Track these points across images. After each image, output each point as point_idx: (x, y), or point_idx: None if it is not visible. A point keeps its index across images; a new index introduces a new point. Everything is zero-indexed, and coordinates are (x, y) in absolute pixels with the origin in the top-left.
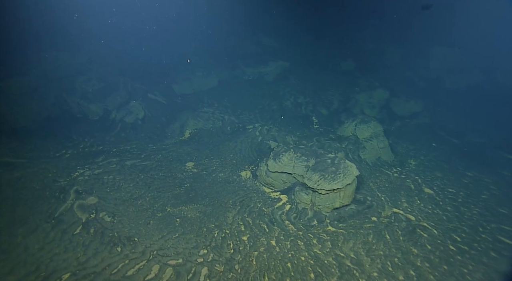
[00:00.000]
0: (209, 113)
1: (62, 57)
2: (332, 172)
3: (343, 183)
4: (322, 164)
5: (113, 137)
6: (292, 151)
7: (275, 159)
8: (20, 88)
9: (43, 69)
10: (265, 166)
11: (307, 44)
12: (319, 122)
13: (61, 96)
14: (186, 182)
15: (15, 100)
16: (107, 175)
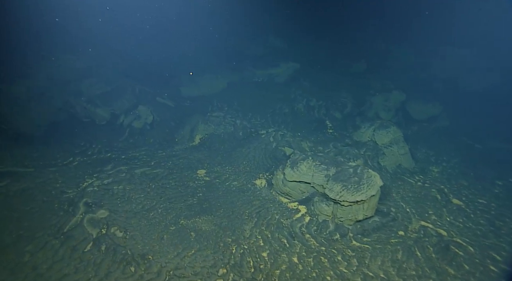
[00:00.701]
0: (220, 117)
1: (68, 59)
2: (355, 183)
3: (367, 195)
4: (344, 173)
5: (122, 143)
6: (310, 159)
7: (292, 167)
8: (25, 92)
9: (49, 72)
10: (282, 175)
11: (316, 45)
12: (333, 126)
13: (68, 100)
14: (198, 192)
15: (21, 105)
16: (116, 185)
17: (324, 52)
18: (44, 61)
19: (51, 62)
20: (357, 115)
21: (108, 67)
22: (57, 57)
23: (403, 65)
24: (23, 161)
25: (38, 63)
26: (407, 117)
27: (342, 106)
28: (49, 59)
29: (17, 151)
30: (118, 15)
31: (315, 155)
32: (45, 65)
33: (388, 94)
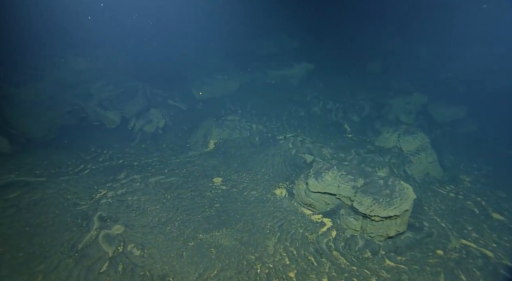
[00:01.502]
0: (235, 121)
1: (77, 61)
2: (386, 196)
3: (401, 209)
4: (373, 185)
5: (133, 149)
6: (335, 168)
7: (316, 177)
8: (35, 95)
9: (58, 74)
10: (304, 185)
11: (330, 44)
12: (352, 130)
13: (77, 103)
14: (216, 202)
15: (31, 109)
16: (131, 196)
17: (338, 52)
18: (52, 62)
19: (60, 64)
20: (376, 118)
21: (118, 68)
22: (66, 58)
23: (421, 65)
24: (34, 169)
25: (47, 65)
26: (430, 120)
27: (359, 109)
28: (58, 60)
29: (28, 157)
30: (125, 15)
31: (340, 164)
32: (53, 67)
33: (409, 96)
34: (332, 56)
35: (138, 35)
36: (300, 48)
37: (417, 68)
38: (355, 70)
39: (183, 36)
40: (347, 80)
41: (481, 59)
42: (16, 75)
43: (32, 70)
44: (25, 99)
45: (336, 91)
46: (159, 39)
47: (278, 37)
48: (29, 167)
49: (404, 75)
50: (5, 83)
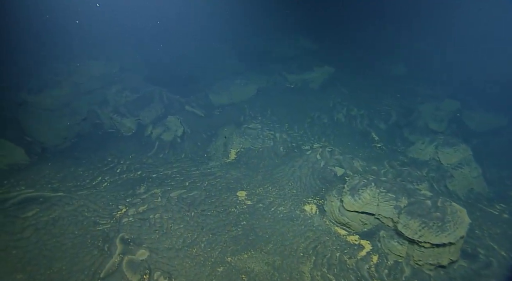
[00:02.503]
0: (257, 130)
1: (93, 66)
2: (437, 219)
3: (456, 236)
4: (420, 206)
5: (151, 159)
6: (373, 185)
7: (353, 195)
8: (51, 103)
9: (74, 80)
10: (338, 202)
11: (349, 46)
12: (380, 139)
13: (93, 110)
14: (242, 219)
15: (46, 117)
16: (153, 214)
17: (358, 54)
18: (68, 68)
19: (76, 69)
20: (404, 126)
21: (132, 72)
22: (82, 63)
23: (449, 68)
24: (52, 182)
25: (63, 71)
26: (464, 129)
27: (386, 116)
28: (74, 66)
29: (45, 169)
30: (133, 15)
31: (378, 180)
32: (69, 72)
33: (439, 102)
34: (352, 59)
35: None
36: (317, 50)
37: (445, 71)
38: (377, 73)
39: (194, 37)
40: (370, 84)
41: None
42: (32, 82)
43: (48, 76)
44: (41, 106)
45: (360, 96)
46: (169, 40)
47: (293, 38)
48: (46, 180)
49: (432, 79)
50: (22, 90)
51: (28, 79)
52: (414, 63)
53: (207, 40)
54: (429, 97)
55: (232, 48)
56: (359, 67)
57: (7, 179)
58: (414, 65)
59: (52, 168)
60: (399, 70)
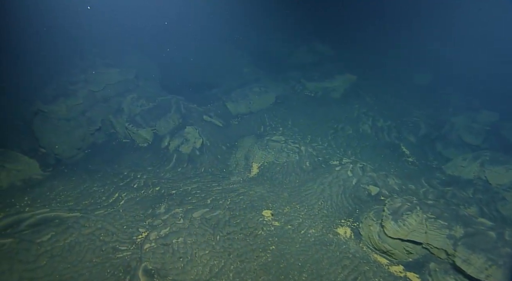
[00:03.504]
0: (281, 142)
1: (109, 73)
2: (508, 256)
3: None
4: (481, 237)
5: (169, 173)
6: (419, 209)
7: (396, 220)
8: (66, 112)
9: (90, 88)
10: (378, 226)
11: (370, 52)
12: (411, 153)
13: (108, 119)
14: (270, 243)
15: (62, 126)
16: (176, 238)
17: (381, 61)
18: (85, 75)
19: (91, 77)
20: (436, 139)
21: (148, 79)
22: (98, 70)
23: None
24: (67, 200)
25: (79, 78)
26: (505, 143)
27: (414, 127)
28: (90, 73)
29: (59, 185)
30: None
31: (423, 203)
32: (85, 80)
33: (474, 113)
34: (375, 66)
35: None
36: (336, 56)
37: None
38: (401, 82)
39: (208, 42)
40: (395, 93)
41: None
42: (47, 90)
43: (64, 85)
44: (56, 115)
45: (385, 106)
46: (181, 45)
47: (310, 44)
48: (62, 198)
49: (463, 88)
50: (37, 99)
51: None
52: (440, 71)
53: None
54: (462, 108)
55: (247, 54)
56: (382, 75)
57: (22, 196)
58: (440, 73)
59: (67, 183)
60: (424, 79)
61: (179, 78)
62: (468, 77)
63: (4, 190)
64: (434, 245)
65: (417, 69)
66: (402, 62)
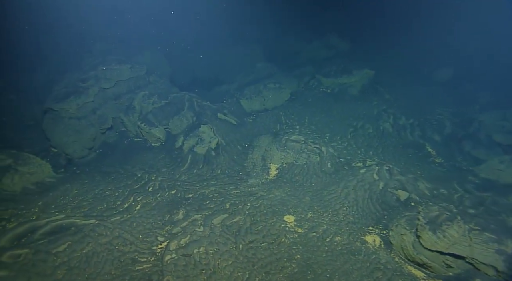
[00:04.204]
0: (300, 142)
1: (120, 69)
2: None
3: None
4: None
5: (185, 175)
6: (459, 219)
7: (434, 230)
8: (77, 110)
9: (101, 86)
10: (412, 236)
11: (388, 46)
12: (438, 154)
13: (119, 118)
14: (295, 252)
15: (72, 125)
16: (197, 247)
17: (398, 56)
18: (95, 72)
19: (102, 74)
20: (463, 138)
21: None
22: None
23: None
24: (82, 205)
25: (90, 75)
26: None
27: (439, 126)
28: (100, 69)
29: (73, 188)
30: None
31: (464, 212)
32: (96, 77)
33: (503, 111)
34: (393, 60)
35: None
36: (352, 51)
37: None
38: (422, 77)
39: (216, 36)
40: (416, 89)
41: None
42: (58, 88)
43: (74, 82)
44: (67, 114)
45: (406, 103)
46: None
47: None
48: (76, 203)
49: (488, 84)
50: (47, 97)
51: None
52: (462, 66)
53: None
54: (490, 105)
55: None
56: (401, 70)
57: (35, 201)
58: (463, 68)
59: (81, 187)
60: (446, 73)
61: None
62: (494, 72)
63: (17, 195)
64: (480, 260)
65: (438, 63)
66: (421, 57)
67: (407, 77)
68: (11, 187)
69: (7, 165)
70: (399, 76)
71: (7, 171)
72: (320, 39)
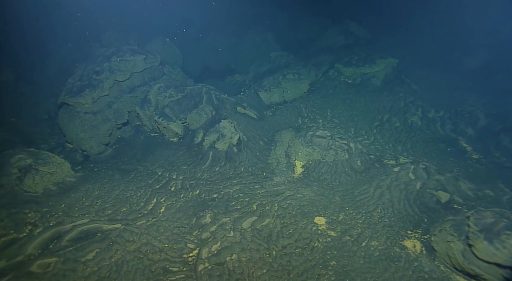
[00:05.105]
0: (327, 138)
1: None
2: None
3: None
4: None
5: (207, 173)
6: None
7: (491, 240)
8: (93, 105)
9: (116, 78)
10: (461, 244)
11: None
12: (474, 149)
13: (134, 111)
14: (329, 257)
15: (88, 120)
16: (229, 255)
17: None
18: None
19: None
20: (500, 131)
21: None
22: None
23: None
24: (105, 206)
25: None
26: None
27: (472, 118)
28: (115, 61)
29: (94, 189)
30: None
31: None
32: (110, 69)
33: None
34: (416, 49)
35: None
36: (371, 38)
37: None
38: (449, 65)
39: (227, 23)
40: (444, 78)
41: None
42: (72, 81)
43: (88, 75)
44: (82, 109)
45: (435, 94)
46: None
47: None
48: (99, 204)
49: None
50: (62, 91)
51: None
52: (495, 52)
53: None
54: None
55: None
56: (426, 57)
57: (58, 203)
58: (497, 53)
59: (102, 187)
60: (477, 60)
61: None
62: (491, 60)
63: (40, 197)
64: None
65: (467, 50)
66: (448, 42)
67: (434, 65)
68: (33, 188)
69: (28, 165)
70: (425, 64)
71: (28, 171)
72: (337, 25)
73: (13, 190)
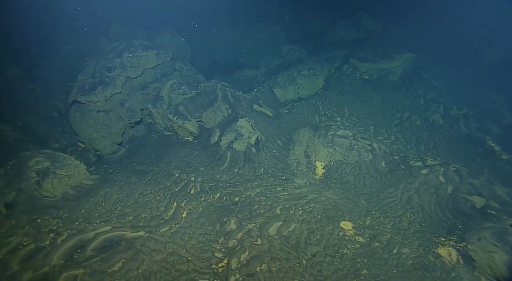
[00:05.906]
0: (349, 138)
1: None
2: None
3: None
4: None
5: (225, 175)
6: None
7: None
8: (105, 103)
9: (128, 74)
10: (506, 255)
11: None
12: (502, 148)
13: (147, 109)
14: (360, 266)
15: (101, 119)
16: (259, 265)
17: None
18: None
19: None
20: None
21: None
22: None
23: None
24: (125, 212)
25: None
26: None
27: (496, 115)
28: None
29: (112, 192)
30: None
31: None
32: (121, 65)
33: None
34: (431, 41)
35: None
36: (385, 32)
37: None
38: (469, 60)
39: (234, 15)
40: (465, 73)
41: None
42: (83, 77)
43: (100, 72)
44: (95, 107)
45: (456, 90)
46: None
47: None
48: (119, 210)
49: None
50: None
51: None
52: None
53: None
54: None
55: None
56: (443, 52)
57: (77, 207)
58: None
59: (120, 190)
60: (496, 54)
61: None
62: None
63: (59, 201)
64: None
65: (486, 43)
66: (465, 35)
67: (452, 60)
68: (52, 192)
69: (45, 169)
70: (442, 59)
71: (46, 175)
72: (349, 18)
73: (33, 195)
